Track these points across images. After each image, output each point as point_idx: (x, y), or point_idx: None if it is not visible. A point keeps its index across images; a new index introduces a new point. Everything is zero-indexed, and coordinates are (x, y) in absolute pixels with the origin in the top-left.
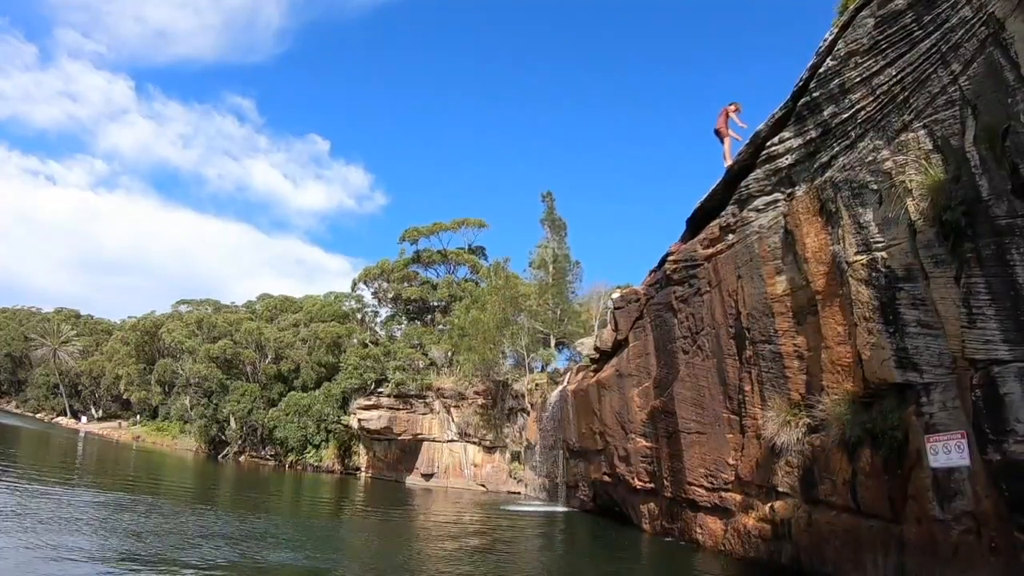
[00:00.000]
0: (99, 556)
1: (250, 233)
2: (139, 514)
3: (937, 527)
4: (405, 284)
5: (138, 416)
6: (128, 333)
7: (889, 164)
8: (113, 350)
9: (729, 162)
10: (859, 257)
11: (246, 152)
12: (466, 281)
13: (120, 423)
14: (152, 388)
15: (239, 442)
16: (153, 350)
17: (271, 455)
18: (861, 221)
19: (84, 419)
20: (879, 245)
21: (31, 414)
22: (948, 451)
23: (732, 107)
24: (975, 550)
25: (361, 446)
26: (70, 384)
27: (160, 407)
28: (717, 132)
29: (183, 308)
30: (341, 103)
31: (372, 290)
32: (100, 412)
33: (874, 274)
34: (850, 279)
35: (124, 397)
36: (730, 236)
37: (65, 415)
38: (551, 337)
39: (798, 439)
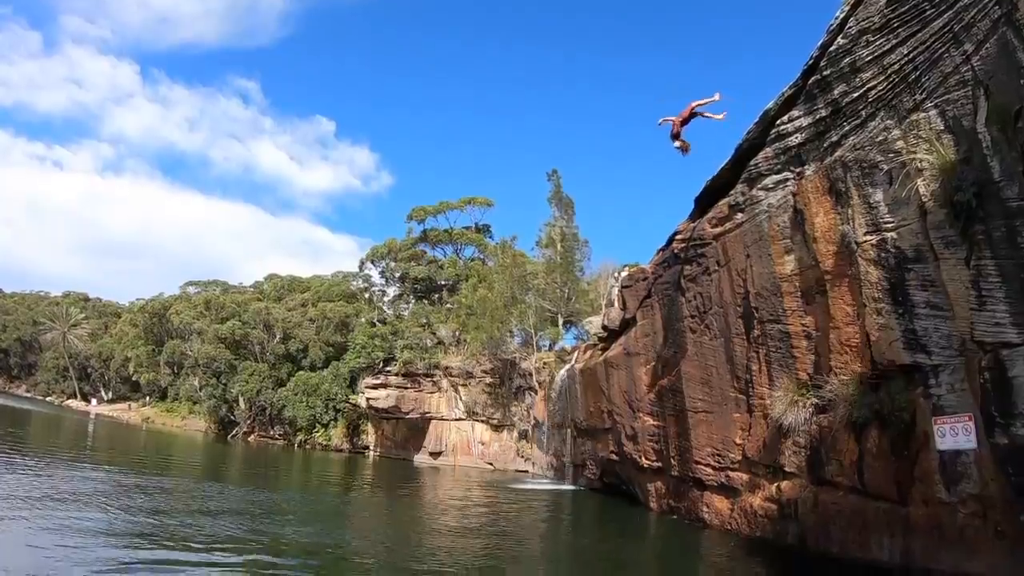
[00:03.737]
0: (110, 532)
1: (257, 214)
2: (149, 492)
3: (943, 510)
4: (412, 263)
5: (147, 397)
6: (137, 315)
7: (900, 144)
8: (122, 332)
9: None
10: (868, 237)
11: (252, 134)
12: (473, 260)
13: (130, 405)
14: (161, 369)
15: (248, 422)
16: (162, 332)
17: (280, 434)
18: (871, 201)
19: (94, 401)
20: (889, 225)
21: (41, 397)
22: (955, 434)
23: (702, 101)
24: (981, 534)
25: (369, 425)
26: (80, 367)
27: (169, 388)
28: (674, 136)
29: (191, 290)
30: (346, 84)
31: (379, 269)
32: (110, 394)
33: (883, 255)
34: (859, 259)
35: (133, 379)
36: (739, 215)
37: (75, 398)
38: (559, 316)
39: (805, 419)
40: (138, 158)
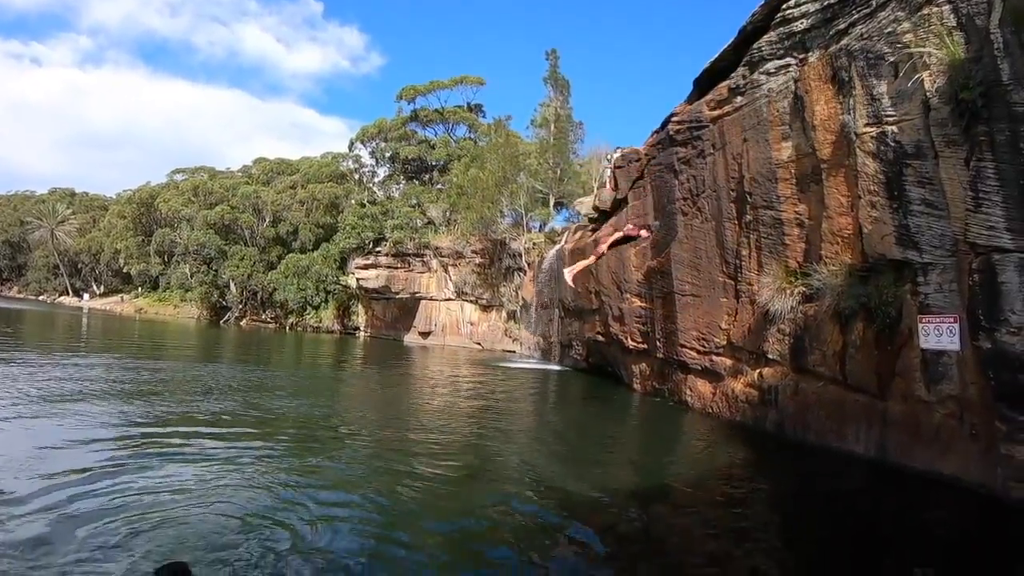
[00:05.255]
0: (107, 416)
1: (243, 99)
2: (144, 376)
3: (921, 407)
4: (403, 143)
5: (139, 289)
6: (124, 207)
7: (909, 37)
8: (110, 225)
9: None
10: (869, 129)
11: (236, 17)
12: (465, 140)
13: (122, 297)
14: (151, 259)
15: (240, 306)
16: (150, 221)
17: (272, 318)
18: (874, 93)
19: (86, 296)
20: (891, 119)
21: (34, 297)
22: (940, 333)
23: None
24: (956, 434)
25: (360, 306)
26: (70, 263)
27: (160, 278)
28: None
29: (178, 177)
30: None
31: (369, 150)
32: (102, 288)
33: (883, 147)
34: (858, 150)
35: (124, 271)
36: (738, 98)
37: (67, 294)
38: (550, 197)
39: (792, 307)
40: (118, 48)
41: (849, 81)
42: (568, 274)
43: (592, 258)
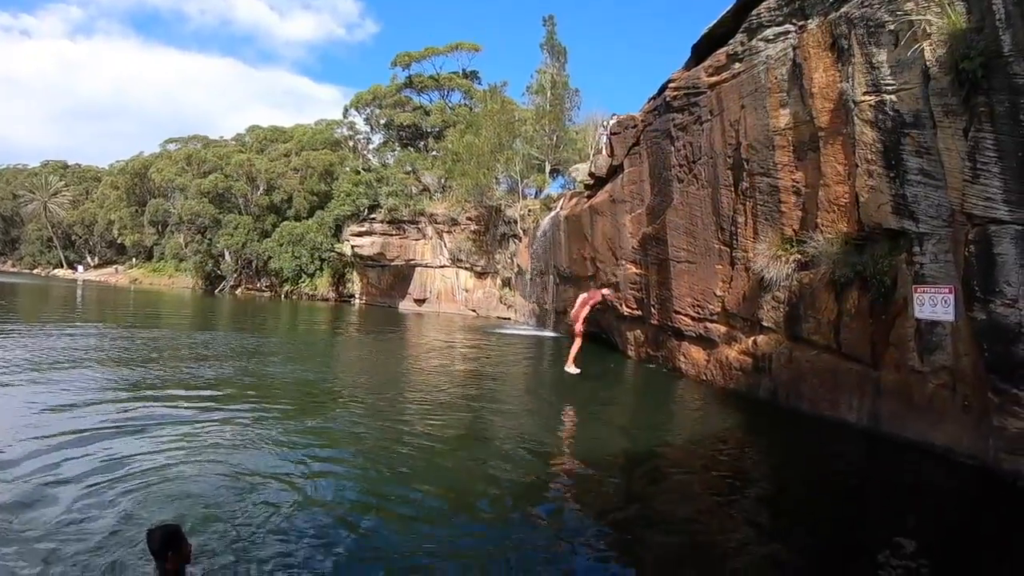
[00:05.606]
0: (102, 382)
1: (236, 67)
2: (140, 344)
3: (914, 377)
4: (398, 110)
5: (134, 259)
6: (117, 177)
7: (910, 5)
8: (103, 196)
9: None
10: (867, 97)
11: None
12: (460, 106)
13: (116, 268)
14: (145, 230)
15: (235, 275)
16: (143, 191)
17: (267, 286)
18: (873, 61)
19: (80, 268)
20: (890, 87)
21: (28, 270)
22: (934, 304)
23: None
24: (948, 405)
25: (355, 273)
26: (63, 236)
27: (155, 248)
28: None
29: (171, 147)
30: None
31: (364, 117)
32: (96, 260)
33: (881, 116)
34: (856, 119)
35: (118, 242)
36: (736, 65)
37: (61, 267)
38: (546, 163)
39: (787, 275)
40: (109, 18)
41: (848, 49)
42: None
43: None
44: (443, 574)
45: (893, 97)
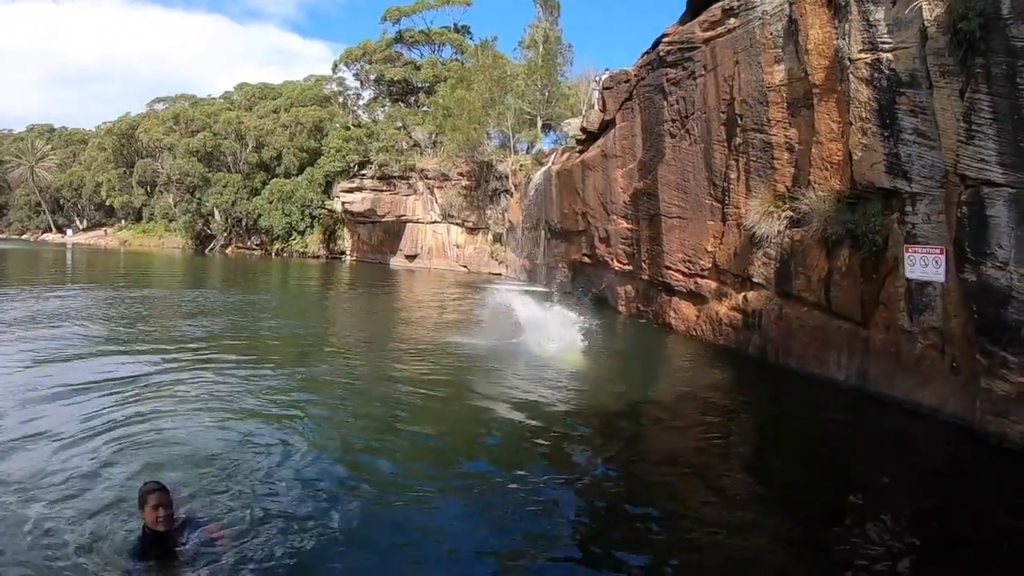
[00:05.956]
0: (95, 340)
1: (222, 23)
2: (132, 304)
3: (903, 337)
4: (388, 65)
5: (123, 221)
6: (104, 138)
7: None
8: (91, 158)
9: None
10: (863, 56)
11: None
12: (451, 61)
13: (106, 231)
14: (134, 191)
15: (225, 234)
16: (132, 152)
17: (257, 244)
18: (871, 19)
19: (69, 232)
20: (886, 46)
21: (17, 236)
22: (925, 264)
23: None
24: (936, 366)
25: (345, 230)
26: (51, 200)
27: (144, 209)
28: None
29: (159, 106)
30: None
31: (354, 72)
32: (85, 223)
33: (877, 75)
34: (851, 76)
35: (107, 204)
36: (732, 20)
37: (50, 231)
38: (538, 118)
39: (779, 231)
40: None
41: (845, 6)
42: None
43: None
44: (441, 511)
45: (889, 55)
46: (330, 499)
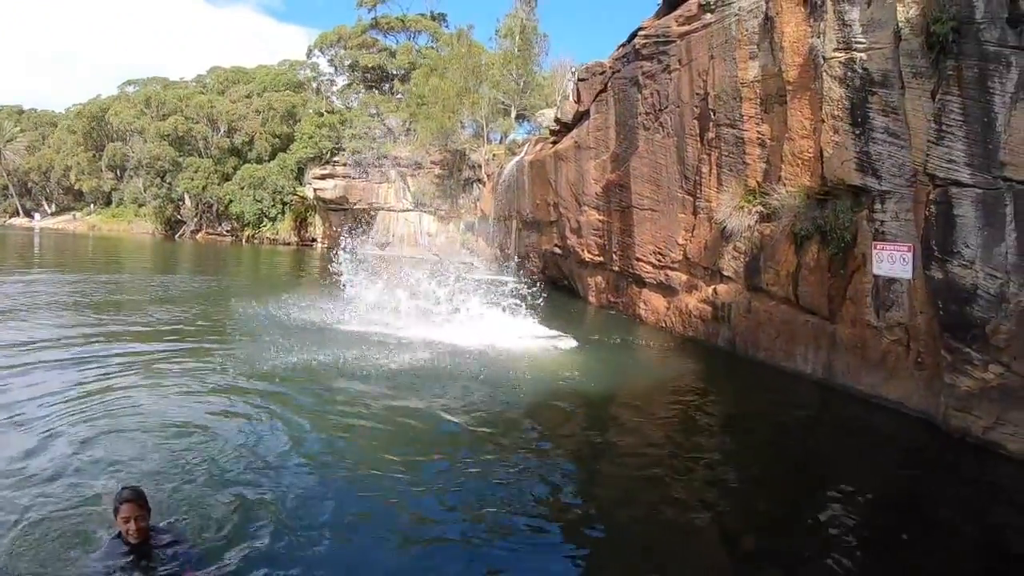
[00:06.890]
0: (62, 325)
1: (194, 5)
2: (100, 290)
3: (870, 332)
4: (363, 51)
5: (92, 206)
6: (74, 121)
7: None
8: (60, 141)
9: None
10: (837, 54)
11: None
12: (427, 48)
13: (74, 215)
14: (103, 175)
15: (195, 220)
16: (101, 136)
17: (228, 231)
18: (846, 18)
19: (37, 216)
20: (860, 45)
21: None
22: (893, 261)
23: None
24: (902, 361)
25: (317, 217)
26: (19, 183)
27: (113, 193)
28: None
29: (130, 89)
30: None
31: (328, 58)
32: (53, 207)
33: (850, 74)
34: (824, 74)
35: (76, 188)
36: (708, 15)
37: (18, 215)
38: (512, 108)
39: (749, 226)
40: None
41: (821, 5)
42: None
43: None
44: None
45: (863, 55)
46: (301, 486)
